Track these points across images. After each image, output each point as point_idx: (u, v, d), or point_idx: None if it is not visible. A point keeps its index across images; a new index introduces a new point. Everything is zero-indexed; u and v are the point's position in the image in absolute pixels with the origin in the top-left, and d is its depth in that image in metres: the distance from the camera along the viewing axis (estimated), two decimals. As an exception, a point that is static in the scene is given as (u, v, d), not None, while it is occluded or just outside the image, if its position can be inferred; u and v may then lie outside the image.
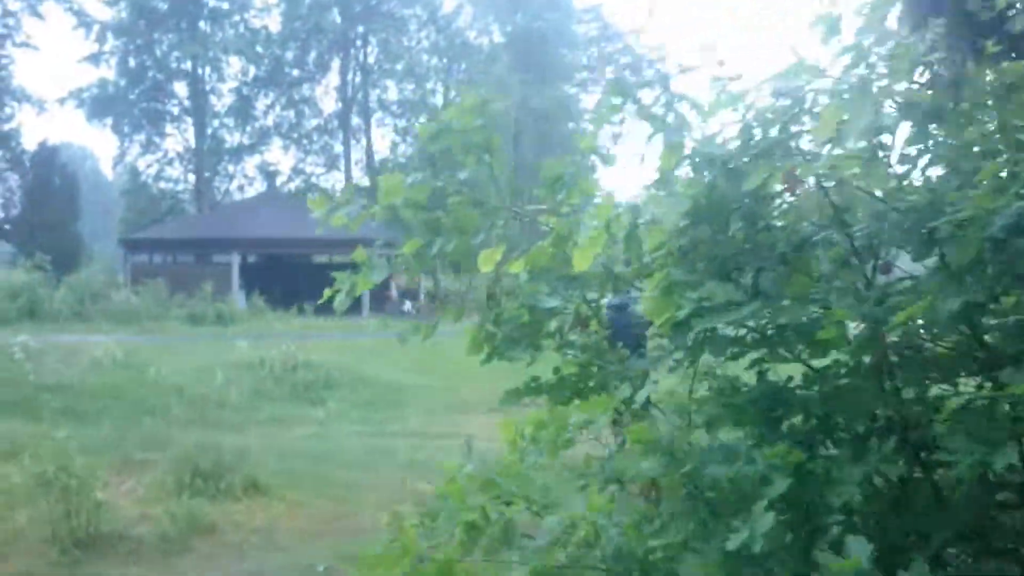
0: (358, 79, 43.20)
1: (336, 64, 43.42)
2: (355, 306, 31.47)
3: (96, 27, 38.60)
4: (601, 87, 56.61)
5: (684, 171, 2.38)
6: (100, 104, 39.65)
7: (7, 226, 38.04)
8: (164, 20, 38.68)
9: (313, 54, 43.10)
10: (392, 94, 43.47)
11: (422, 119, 41.72)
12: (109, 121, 40.26)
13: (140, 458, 7.84)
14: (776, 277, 2.13)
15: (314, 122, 45.18)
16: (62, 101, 39.45)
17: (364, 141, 43.93)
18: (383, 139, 48.58)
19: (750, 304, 2.00)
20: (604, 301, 3.16)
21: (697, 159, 2.08)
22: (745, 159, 2.01)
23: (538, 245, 3.29)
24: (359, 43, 42.43)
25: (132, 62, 39.95)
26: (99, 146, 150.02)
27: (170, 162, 43.21)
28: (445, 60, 41.21)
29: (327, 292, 2.72)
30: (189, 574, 5.29)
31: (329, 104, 45.15)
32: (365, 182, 44.48)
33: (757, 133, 2.04)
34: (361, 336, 22.92)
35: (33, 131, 48.89)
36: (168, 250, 34.82)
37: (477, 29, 42.91)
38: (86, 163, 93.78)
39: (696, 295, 2.05)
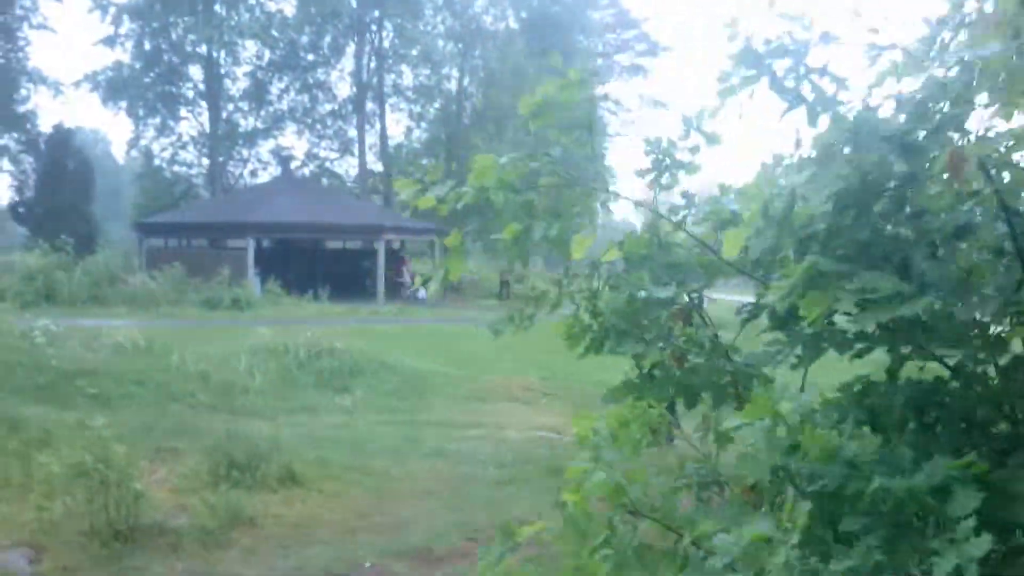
0: (373, 64, 42.90)
1: (351, 49, 43.13)
2: (370, 292, 31.47)
3: (112, 9, 38.40)
4: (617, 74, 56.29)
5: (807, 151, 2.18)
6: (115, 87, 39.48)
7: (21, 209, 38.00)
8: (180, 3, 38.38)
9: (328, 38, 42.81)
10: (407, 79, 43.19)
11: (436, 104, 41.72)
12: (124, 104, 40.09)
13: (171, 446, 7.70)
14: (938, 267, 1.92)
15: (328, 107, 45.01)
16: (77, 84, 39.32)
17: (378, 126, 43.68)
18: (397, 124, 48.40)
19: (920, 298, 1.79)
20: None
21: (861, 134, 1.85)
22: (921, 134, 1.80)
23: (631, 232, 3.08)
24: (374, 27, 42.08)
25: (147, 45, 39.75)
26: (111, 130, 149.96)
27: (184, 146, 43.11)
28: (460, 45, 40.81)
29: (418, 280, 2.54)
30: (234, 569, 5.12)
31: (344, 89, 44.98)
32: (378, 167, 44.35)
33: (929, 107, 1.82)
34: (379, 322, 22.78)
35: (46, 114, 48.83)
36: (183, 234, 34.71)
37: (493, 15, 42.50)
38: (97, 147, 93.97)
39: (854, 286, 1.85)
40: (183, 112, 42.49)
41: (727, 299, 3.74)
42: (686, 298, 2.76)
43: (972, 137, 1.89)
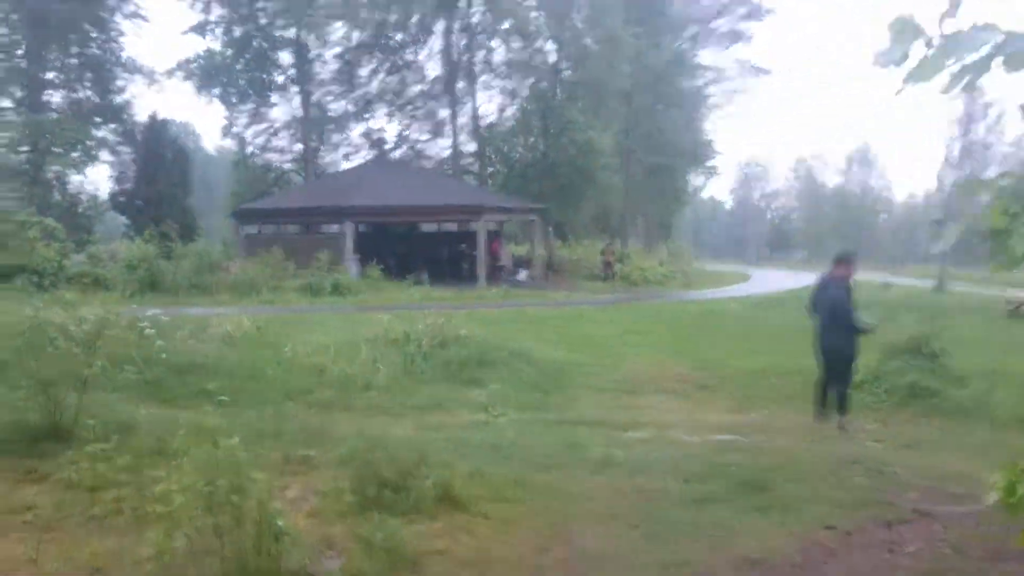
0: (463, 41, 41.72)
1: (440, 26, 42.05)
2: (470, 275, 30.37)
3: (201, -4, 38.29)
4: (716, 41, 53.62)
5: None
6: (207, 75, 39.38)
7: (122, 199, 38.28)
8: (267, -14, 38.03)
9: (416, 17, 41.80)
10: (498, 55, 41.90)
11: (530, 79, 40.18)
12: (217, 92, 39.98)
13: (301, 455, 6.55)
14: None
15: (418, 87, 44.15)
16: (170, 73, 39.38)
17: (470, 105, 42.55)
18: (489, 102, 47.12)
19: None
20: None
21: None
22: None
23: None
24: (463, 2, 40.86)
25: (237, 31, 39.48)
26: (201, 122, 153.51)
27: (276, 132, 42.91)
28: (554, 17, 39.13)
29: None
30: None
31: (433, 68, 44.03)
32: (471, 147, 43.24)
33: None
34: (486, 306, 21.61)
35: (140, 105, 49.38)
36: (279, 220, 34.36)
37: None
38: (189, 140, 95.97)
39: None
40: (274, 98, 42.30)
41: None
42: None
43: None
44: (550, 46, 39.27)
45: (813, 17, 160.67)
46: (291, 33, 40.24)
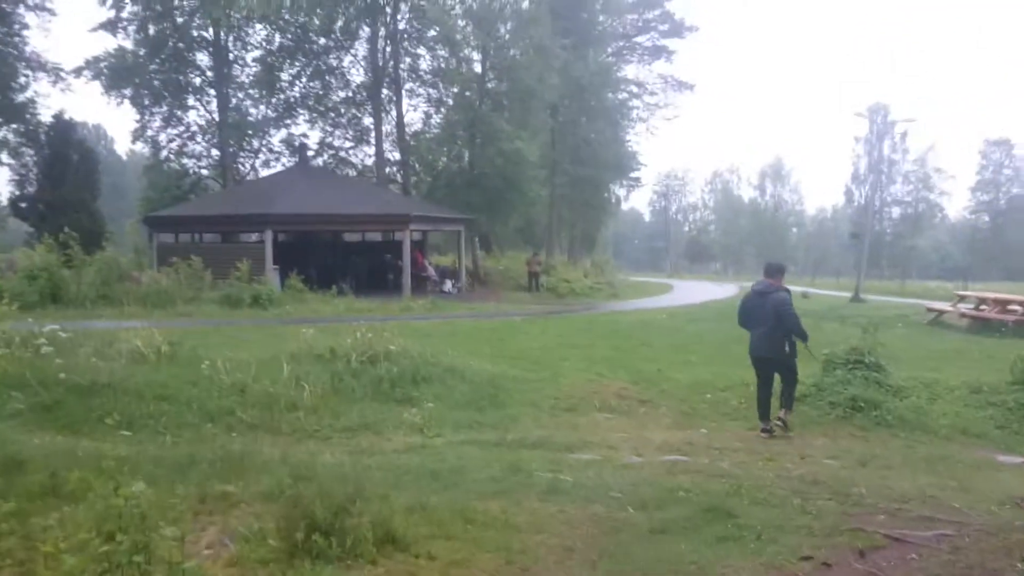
0: (388, 48, 40.91)
1: (365, 32, 41.13)
2: (396, 286, 29.59)
3: (113, -9, 36.52)
4: (639, 57, 54.13)
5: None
6: (118, 75, 37.50)
7: (23, 204, 36.16)
8: (184, -16, 36.58)
9: (340, 21, 40.78)
10: (424, 62, 41.25)
11: (455, 88, 39.62)
12: (128, 93, 38.13)
13: (219, 490, 5.86)
14: None
15: (342, 94, 43.11)
16: (78, 72, 37.43)
17: (394, 113, 41.72)
18: (415, 111, 46.36)
19: None
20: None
21: None
22: None
23: None
24: (389, 8, 40.08)
25: (151, 30, 37.84)
26: (115, 126, 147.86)
27: (192, 136, 41.26)
28: (481, 25, 38.71)
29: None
30: None
31: (357, 75, 43.10)
32: (396, 156, 42.44)
33: None
34: (414, 319, 20.94)
35: (46, 105, 46.80)
36: (195, 228, 32.95)
37: (514, -8, 40.38)
38: (101, 144, 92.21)
39: None
40: (191, 101, 40.68)
41: None
42: None
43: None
44: (476, 56, 38.82)
45: (725, 36, 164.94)
46: (209, 34, 38.82)
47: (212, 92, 40.18)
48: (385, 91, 41.51)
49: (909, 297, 36.82)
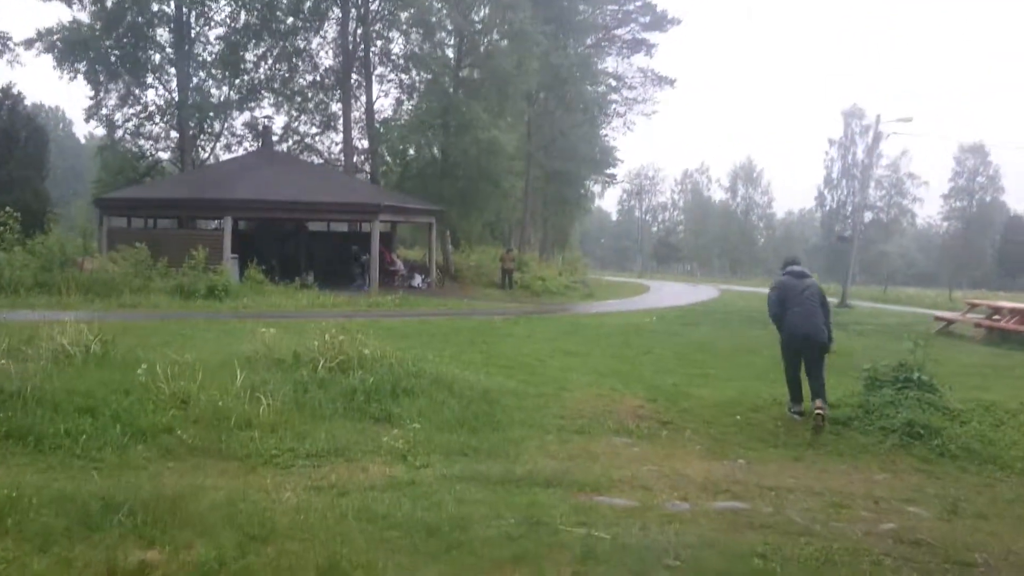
0: (359, 30, 39.00)
1: (335, 13, 39.18)
2: (362, 280, 27.79)
3: (67, -41, 34.21)
4: (617, 48, 52.66)
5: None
6: (72, 49, 35.16)
7: (-36, 182, 33.81)
8: (144, -46, 34.33)
9: (309, 1, 38.78)
10: (397, 46, 39.41)
11: (429, 74, 37.76)
12: (82, 68, 35.79)
13: (135, 562, 4.21)
14: None
15: (310, 77, 41.12)
16: (28, 43, 35.07)
17: (364, 99, 39.84)
18: (386, 97, 44.51)
19: None
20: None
21: None
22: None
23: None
24: (361, -12, 38.21)
25: (108, 1, 35.56)
26: (73, 107, 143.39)
27: (151, 116, 38.98)
28: (458, 7, 36.96)
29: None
30: None
31: (326, 58, 41.14)
32: (364, 144, 40.62)
33: None
34: (384, 315, 19.28)
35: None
36: (150, 212, 30.97)
37: (494, -24, 38.65)
38: (59, 126, 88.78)
39: None
40: (150, 79, 38.40)
41: None
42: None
43: None
44: (452, 40, 37.08)
45: (700, 33, 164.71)
46: (170, 8, 36.59)
47: (172, 71, 37.99)
48: (355, 76, 39.66)
49: (893, 304, 35.93)
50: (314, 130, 42.26)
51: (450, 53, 36.83)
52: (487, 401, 8.86)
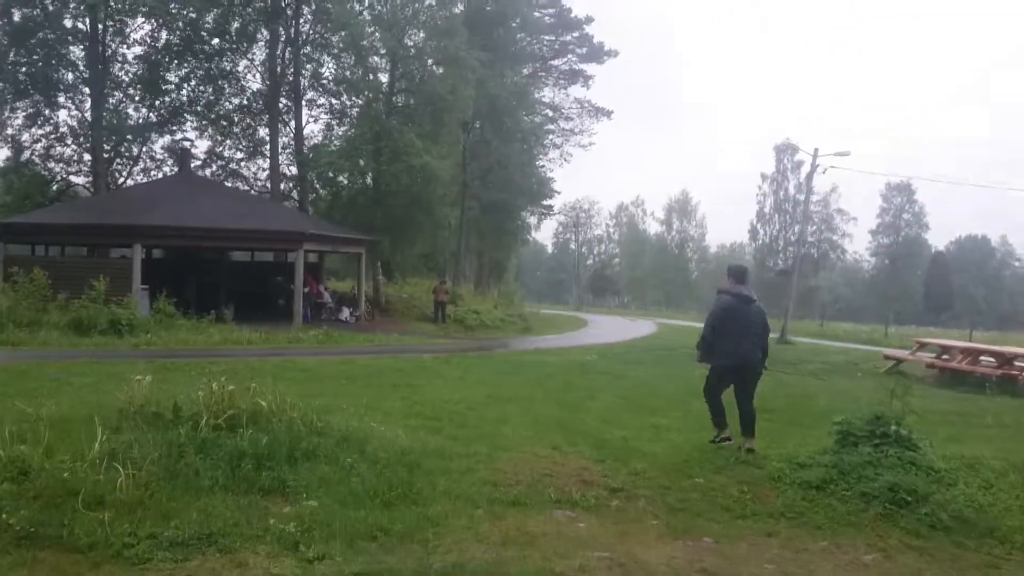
0: (288, 54, 37.51)
1: (264, 35, 37.58)
2: (286, 313, 26.07)
3: (-30, -30, 32.04)
4: (554, 79, 52.16)
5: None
6: (-26, 64, 32.93)
7: None
8: (56, -35, 32.38)
9: (237, 22, 37.15)
10: (328, 70, 37.98)
11: (361, 99, 36.36)
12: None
13: None
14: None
15: (236, 101, 39.36)
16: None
17: (293, 124, 38.23)
18: (315, 122, 42.91)
19: None
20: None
21: None
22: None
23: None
24: (291, 11, 36.78)
25: (17, 15, 33.43)
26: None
27: (62, 138, 36.74)
28: (392, 31, 35.72)
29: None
30: None
31: (253, 81, 39.48)
32: (292, 171, 38.99)
33: None
34: (303, 354, 17.66)
35: None
36: (55, 239, 28.78)
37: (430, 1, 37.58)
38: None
39: None
40: (61, 99, 36.24)
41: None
42: None
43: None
44: (385, 64, 35.81)
45: (631, 67, 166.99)
46: (85, 25, 34.59)
47: (86, 91, 35.87)
48: (284, 100, 38.16)
49: (831, 339, 35.53)
50: (240, 155, 40.53)
51: (383, 78, 35.56)
52: (405, 465, 7.44)
